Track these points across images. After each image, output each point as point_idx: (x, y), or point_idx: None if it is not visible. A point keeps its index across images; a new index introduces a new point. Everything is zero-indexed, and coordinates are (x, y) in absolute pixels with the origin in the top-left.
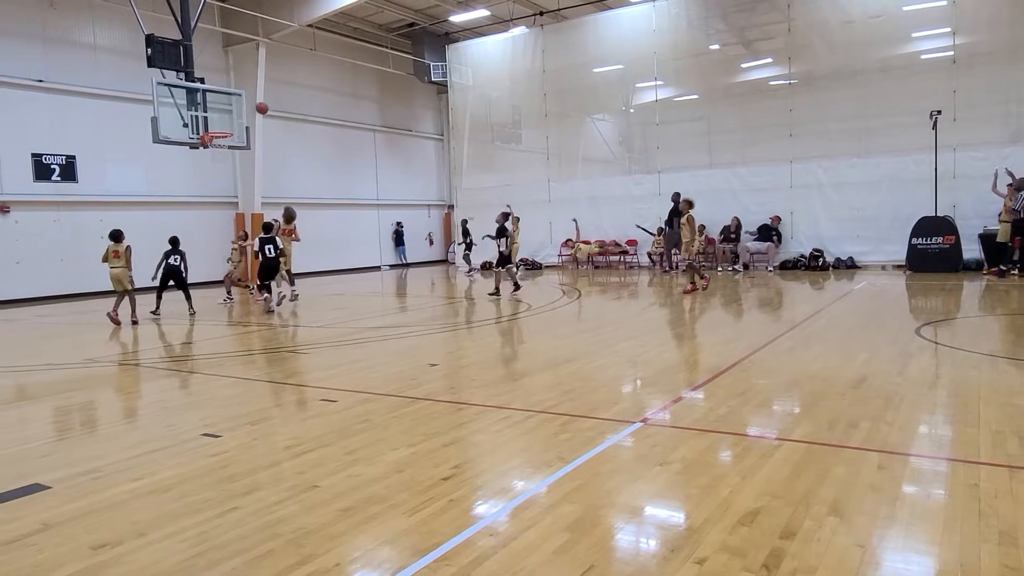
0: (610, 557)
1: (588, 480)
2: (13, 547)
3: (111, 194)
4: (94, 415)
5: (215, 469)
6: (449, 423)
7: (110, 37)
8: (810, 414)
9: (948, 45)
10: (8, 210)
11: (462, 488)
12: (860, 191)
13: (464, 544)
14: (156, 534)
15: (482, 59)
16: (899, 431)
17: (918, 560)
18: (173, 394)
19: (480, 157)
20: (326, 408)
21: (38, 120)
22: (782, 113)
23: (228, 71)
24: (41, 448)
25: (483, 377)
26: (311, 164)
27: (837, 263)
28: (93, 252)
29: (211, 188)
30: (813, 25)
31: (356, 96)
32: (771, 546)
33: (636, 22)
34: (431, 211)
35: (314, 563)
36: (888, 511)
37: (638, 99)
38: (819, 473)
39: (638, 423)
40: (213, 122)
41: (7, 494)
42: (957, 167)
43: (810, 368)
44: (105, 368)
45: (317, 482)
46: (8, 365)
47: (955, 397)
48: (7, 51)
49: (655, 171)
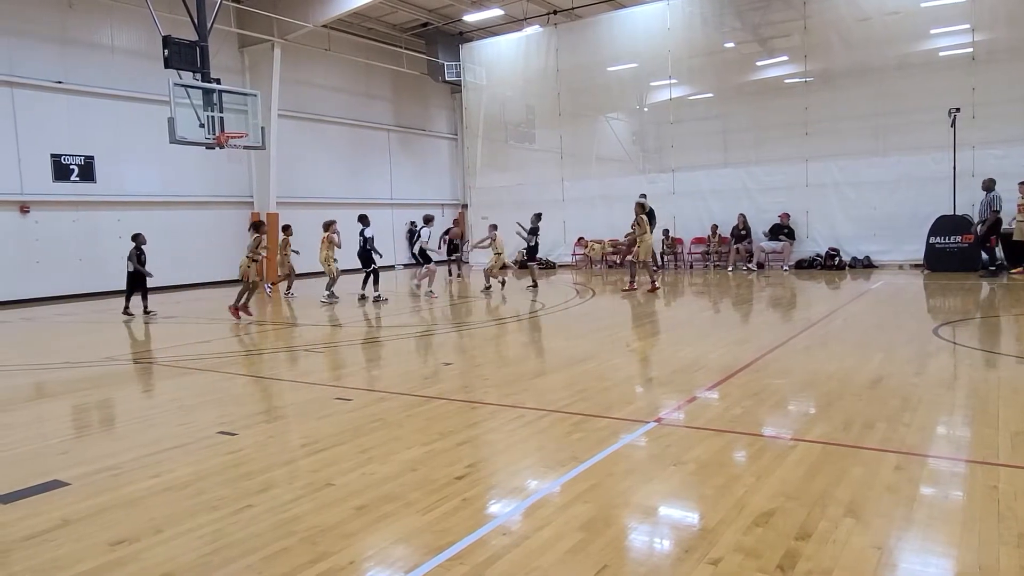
0: (624, 557)
1: (602, 480)
2: (33, 542)
3: (128, 194)
4: (112, 413)
5: (231, 467)
6: (463, 422)
7: (127, 38)
8: (826, 414)
9: (967, 42)
10: (28, 210)
11: (476, 487)
12: (877, 190)
13: (477, 543)
14: (172, 531)
15: (496, 58)
16: (917, 432)
17: (936, 562)
18: (189, 392)
19: (494, 156)
20: (341, 407)
21: (57, 121)
22: (797, 111)
23: (244, 72)
24: (60, 445)
25: (497, 376)
26: (325, 164)
27: (854, 262)
28: (111, 251)
29: (226, 188)
30: (829, 22)
31: (370, 96)
32: (786, 547)
33: (650, 20)
34: (444, 210)
35: (328, 561)
36: (905, 512)
37: (652, 98)
38: (835, 474)
39: (652, 423)
40: (229, 122)
41: (27, 490)
42: (976, 165)
43: (826, 368)
44: (122, 366)
45: (331, 480)
46: (27, 363)
47: (974, 398)
48: (27, 53)
49: (669, 170)
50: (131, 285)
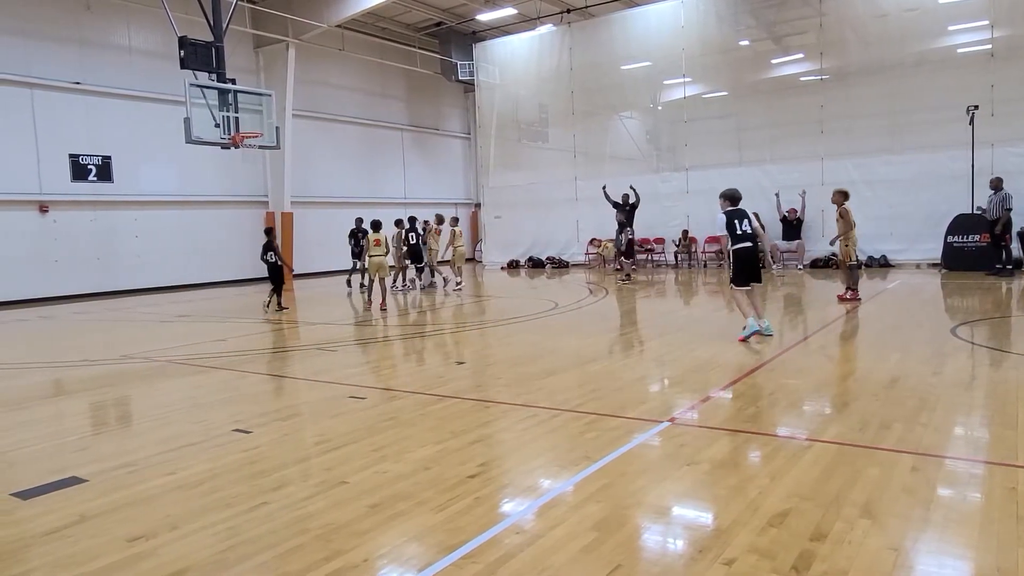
0: (637, 557)
1: (615, 479)
2: (52, 538)
3: (145, 193)
4: (128, 410)
5: (245, 464)
6: (475, 421)
7: (144, 39)
8: (841, 415)
9: (986, 38)
10: (47, 210)
11: (488, 486)
12: (893, 188)
13: (490, 542)
14: (188, 527)
15: (509, 57)
16: (934, 432)
17: (953, 564)
18: (205, 390)
19: (507, 155)
20: (355, 405)
21: (75, 121)
22: (813, 109)
23: (258, 72)
24: (78, 442)
25: (509, 375)
26: (340, 163)
27: (870, 261)
28: (128, 250)
29: (242, 187)
30: (845, 19)
31: (384, 95)
32: (801, 548)
33: (664, 18)
34: (458, 209)
35: (342, 558)
36: (922, 514)
37: (666, 96)
38: (850, 475)
39: (665, 422)
40: (244, 122)
41: (46, 487)
42: (995, 163)
43: (841, 368)
44: (139, 364)
45: (345, 478)
46: (46, 361)
47: (992, 398)
48: (45, 54)
49: (683, 169)
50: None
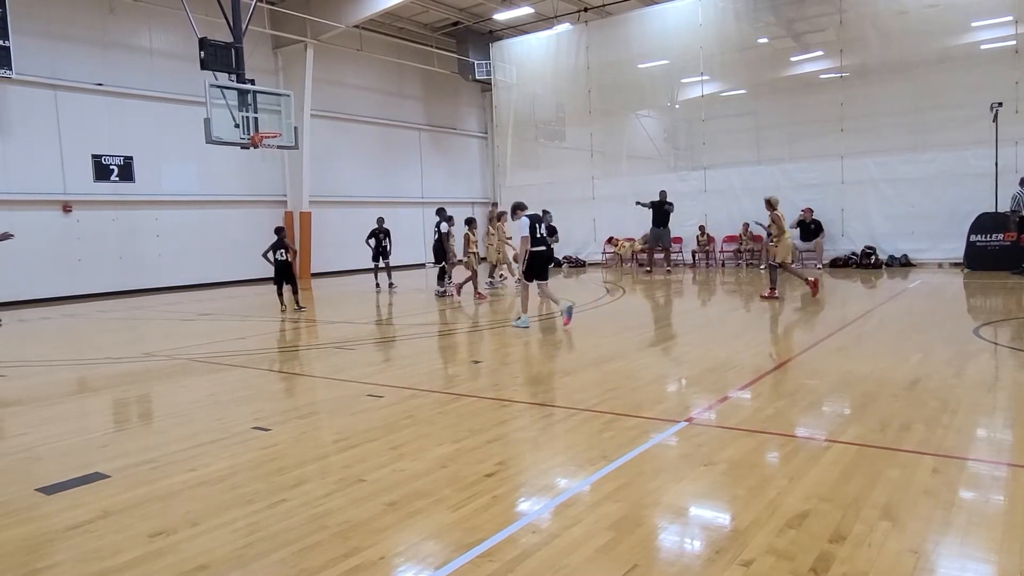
0: (653, 557)
1: (632, 479)
2: (75, 533)
3: (166, 193)
4: (150, 407)
5: (265, 462)
6: (492, 420)
7: (166, 41)
8: (861, 416)
9: (1010, 34)
10: (71, 209)
11: (505, 485)
12: (915, 187)
13: (507, 540)
14: (208, 523)
15: (526, 57)
16: (955, 434)
17: (975, 567)
18: (225, 388)
19: (524, 155)
20: (372, 403)
21: (98, 122)
22: (833, 107)
23: (277, 72)
24: (101, 439)
25: (526, 374)
26: (357, 163)
27: (891, 261)
28: (149, 249)
29: (261, 187)
30: (866, 16)
31: (402, 95)
32: (820, 550)
33: (682, 16)
34: (475, 208)
35: (359, 556)
36: (943, 516)
37: (684, 95)
38: (870, 476)
39: (683, 422)
40: (263, 122)
41: (69, 482)
42: (1019, 161)
43: (861, 369)
44: (161, 362)
45: (363, 476)
46: (70, 359)
47: (1016, 400)
48: (69, 56)
49: (701, 168)
50: (288, 278)
